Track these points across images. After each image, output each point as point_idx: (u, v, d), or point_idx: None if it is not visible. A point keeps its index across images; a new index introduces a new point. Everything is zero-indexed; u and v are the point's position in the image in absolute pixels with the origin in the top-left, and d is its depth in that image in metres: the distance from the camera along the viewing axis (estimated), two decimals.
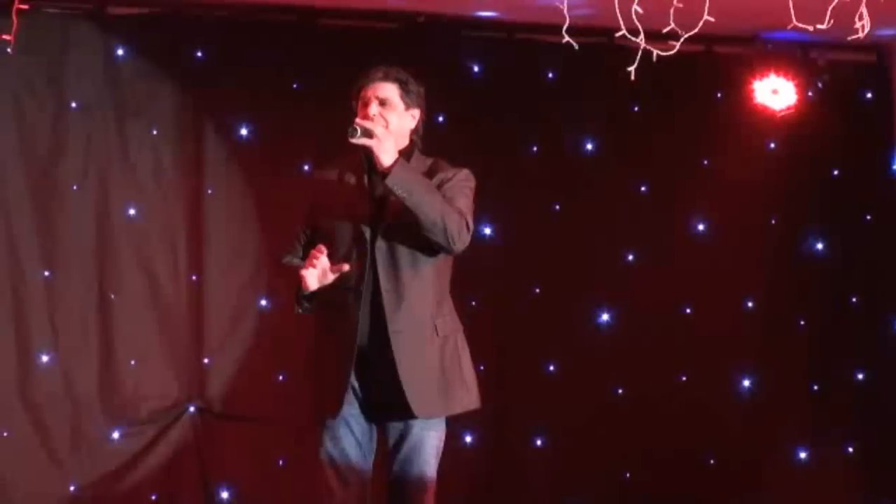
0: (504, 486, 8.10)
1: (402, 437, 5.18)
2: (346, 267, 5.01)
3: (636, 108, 8.23)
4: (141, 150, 7.62)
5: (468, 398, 5.29)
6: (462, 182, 5.22)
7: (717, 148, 8.28)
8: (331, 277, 5.01)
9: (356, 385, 5.13)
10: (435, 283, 5.21)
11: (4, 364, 7.42)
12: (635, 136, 8.19)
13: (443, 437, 5.27)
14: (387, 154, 4.97)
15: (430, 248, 5.12)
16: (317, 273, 4.99)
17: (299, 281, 5.05)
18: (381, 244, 5.09)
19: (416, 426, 5.17)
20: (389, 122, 5.11)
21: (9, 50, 6.90)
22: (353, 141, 4.97)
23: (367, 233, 5.11)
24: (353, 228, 5.12)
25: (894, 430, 8.51)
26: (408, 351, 5.09)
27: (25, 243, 7.44)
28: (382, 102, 5.16)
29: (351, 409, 5.13)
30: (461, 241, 5.10)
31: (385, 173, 4.97)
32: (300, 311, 5.16)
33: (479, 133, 7.90)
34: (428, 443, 5.20)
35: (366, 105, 5.15)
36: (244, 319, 7.76)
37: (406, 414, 5.11)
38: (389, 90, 5.18)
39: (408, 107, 5.22)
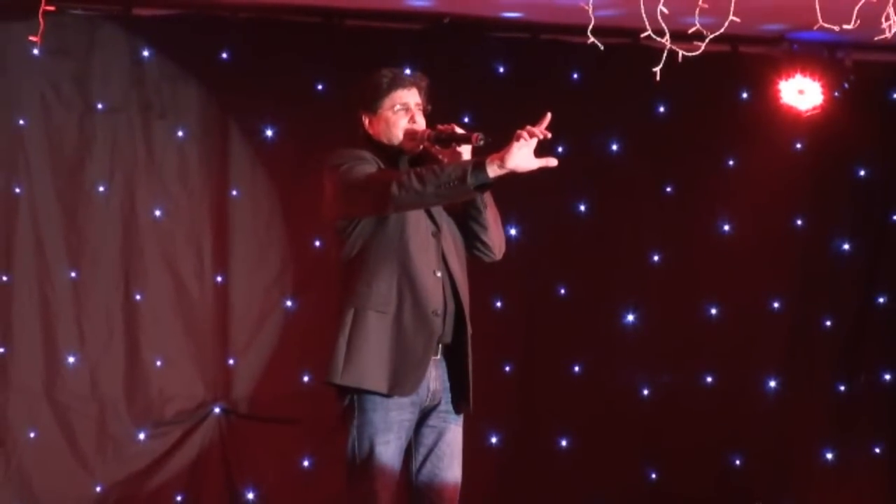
0: (529, 487, 8.09)
1: (441, 435, 5.12)
2: (555, 162, 4.78)
3: (661, 109, 8.21)
4: (166, 150, 7.65)
5: None
6: None
7: (742, 148, 8.26)
8: (534, 163, 4.73)
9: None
10: None
11: (31, 364, 7.46)
12: (661, 137, 8.18)
13: None
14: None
15: (468, 248, 5.15)
16: (532, 158, 4.71)
17: (473, 164, 4.73)
18: (446, 237, 5.06)
19: (454, 423, 5.12)
20: None
21: (35, 51, 6.97)
22: (462, 149, 4.93)
23: (433, 225, 5.05)
24: (427, 218, 5.02)
25: None
26: (470, 344, 5.07)
27: (52, 244, 7.47)
28: (418, 107, 5.13)
29: (402, 414, 5.01)
30: (504, 249, 5.17)
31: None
32: (474, 184, 4.67)
33: (503, 134, 7.87)
34: (460, 439, 5.17)
35: (412, 112, 5.06)
36: (269, 320, 7.77)
37: (451, 410, 5.08)
38: (417, 95, 5.14)
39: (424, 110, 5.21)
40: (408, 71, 5.27)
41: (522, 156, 4.73)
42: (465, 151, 4.95)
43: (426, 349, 4.97)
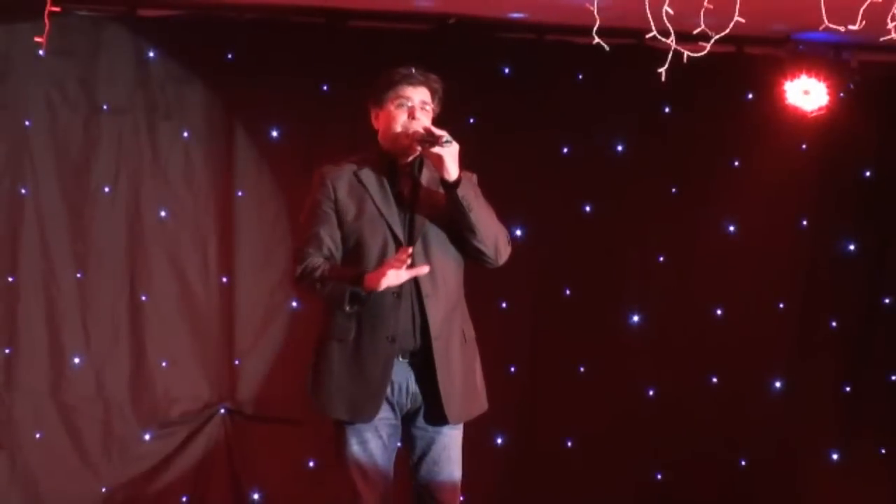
0: (534, 488, 8.09)
1: (433, 439, 5.16)
2: (426, 269, 4.96)
3: (667, 110, 8.21)
4: (172, 151, 7.65)
5: (480, 402, 5.30)
6: (478, 188, 5.22)
7: (748, 149, 8.26)
8: (403, 277, 4.90)
9: (388, 390, 5.09)
10: (460, 288, 5.21)
11: (37, 365, 7.47)
12: (666, 138, 8.17)
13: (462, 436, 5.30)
14: (455, 165, 4.97)
15: (462, 254, 5.15)
16: (402, 275, 4.87)
17: (355, 279, 4.94)
18: (419, 249, 5.04)
19: (446, 427, 5.16)
20: None
21: (41, 52, 6.95)
22: (434, 150, 4.94)
23: (403, 236, 5.08)
24: (389, 232, 5.06)
25: None
26: (445, 359, 5.08)
27: (58, 245, 7.49)
28: (423, 106, 5.14)
29: (380, 413, 5.10)
30: (506, 255, 5.19)
31: (452, 185, 4.95)
32: (349, 309, 4.97)
33: (509, 135, 7.90)
34: (456, 443, 5.21)
35: (412, 108, 5.11)
36: (275, 321, 7.77)
37: (434, 421, 5.12)
38: (426, 94, 5.16)
39: (432, 112, 5.21)
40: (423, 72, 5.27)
41: (392, 277, 4.86)
42: (447, 153, 4.94)
43: (384, 373, 5.04)
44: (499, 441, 8.03)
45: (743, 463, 8.39)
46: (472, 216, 5.00)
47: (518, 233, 7.93)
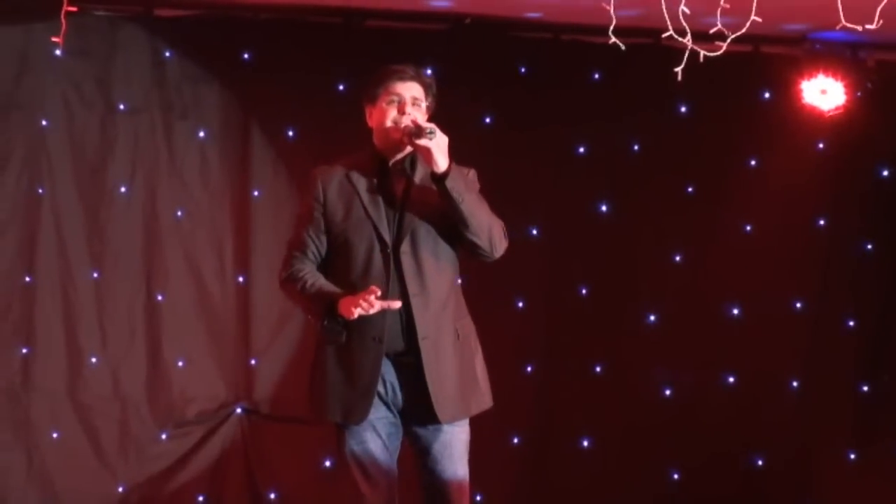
0: (550, 487, 8.08)
1: (433, 438, 5.17)
2: (398, 304, 4.98)
3: (683, 109, 8.19)
4: (188, 151, 7.66)
5: (482, 398, 5.30)
6: (477, 184, 5.24)
7: (764, 148, 8.24)
8: (376, 308, 4.93)
9: (381, 389, 5.12)
10: (454, 286, 5.23)
11: (54, 365, 7.49)
12: (682, 137, 8.16)
13: (468, 432, 5.29)
14: (444, 157, 4.98)
15: (455, 250, 5.16)
16: (374, 308, 4.90)
17: (331, 301, 5.02)
18: (406, 248, 5.07)
19: (446, 426, 5.17)
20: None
21: (58, 52, 6.99)
22: (420, 142, 4.97)
23: (390, 237, 5.10)
24: (374, 232, 5.09)
25: None
26: (433, 358, 5.09)
27: (74, 244, 7.50)
28: (414, 102, 5.17)
29: (376, 412, 5.12)
30: (502, 249, 5.17)
31: (441, 177, 4.97)
32: (326, 325, 5.08)
33: (525, 134, 7.89)
34: (458, 439, 5.21)
35: (402, 104, 5.15)
36: (291, 320, 7.77)
37: (430, 420, 5.12)
38: (418, 91, 5.19)
39: (427, 110, 5.23)
40: (427, 70, 5.29)
41: (362, 310, 4.90)
42: (434, 145, 4.96)
43: (373, 373, 5.07)
44: (515, 441, 8.03)
45: (759, 463, 8.38)
46: (463, 208, 5.00)
47: (534, 232, 7.93)
